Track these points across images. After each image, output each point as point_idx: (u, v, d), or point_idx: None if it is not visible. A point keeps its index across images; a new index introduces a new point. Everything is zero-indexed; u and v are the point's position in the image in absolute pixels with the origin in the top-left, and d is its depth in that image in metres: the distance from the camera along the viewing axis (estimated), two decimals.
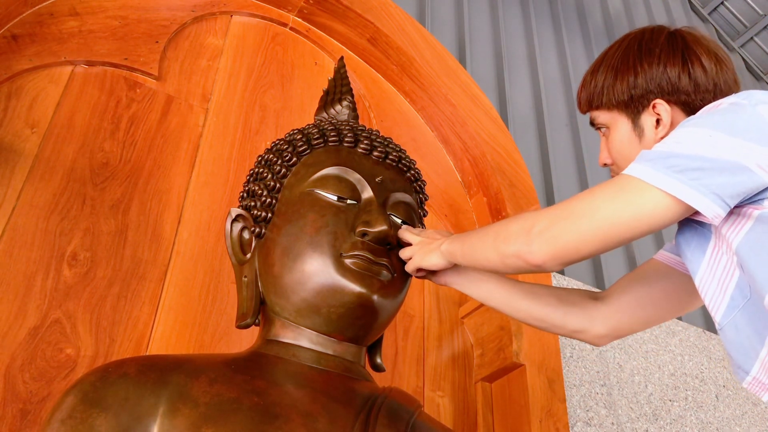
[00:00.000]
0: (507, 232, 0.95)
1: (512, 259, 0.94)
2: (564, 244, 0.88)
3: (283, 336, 1.02)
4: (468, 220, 1.84)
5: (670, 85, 1.03)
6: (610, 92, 1.08)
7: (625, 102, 1.06)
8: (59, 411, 0.83)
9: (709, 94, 1.02)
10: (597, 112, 1.12)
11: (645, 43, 1.07)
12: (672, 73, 1.03)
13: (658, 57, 1.04)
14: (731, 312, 0.91)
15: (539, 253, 0.90)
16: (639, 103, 1.05)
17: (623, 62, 1.08)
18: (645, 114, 1.05)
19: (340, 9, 1.81)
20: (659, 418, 1.93)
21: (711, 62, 1.03)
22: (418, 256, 1.07)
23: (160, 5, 1.58)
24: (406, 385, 1.47)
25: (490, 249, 0.98)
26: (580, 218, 0.88)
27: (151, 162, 1.39)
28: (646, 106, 1.05)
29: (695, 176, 0.82)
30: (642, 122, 1.05)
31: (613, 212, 0.86)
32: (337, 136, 1.13)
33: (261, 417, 0.85)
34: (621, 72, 1.07)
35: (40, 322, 1.13)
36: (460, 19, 2.47)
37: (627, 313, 1.13)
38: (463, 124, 1.87)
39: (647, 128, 1.04)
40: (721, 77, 1.03)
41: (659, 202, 0.84)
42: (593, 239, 0.88)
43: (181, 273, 1.30)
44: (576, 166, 2.50)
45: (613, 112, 1.09)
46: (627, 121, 1.07)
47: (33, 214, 1.21)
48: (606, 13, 3.45)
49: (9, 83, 1.31)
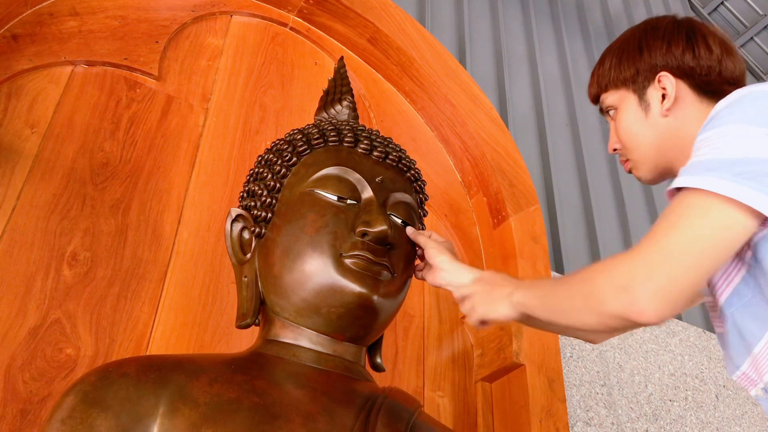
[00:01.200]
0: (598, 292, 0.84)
1: (615, 321, 0.83)
2: (676, 291, 0.78)
3: (283, 336, 1.02)
4: (468, 220, 1.84)
5: (675, 60, 1.04)
6: (616, 71, 1.09)
7: (631, 78, 1.07)
8: (59, 411, 0.83)
9: (714, 71, 1.02)
10: (605, 95, 1.13)
11: (650, 26, 1.09)
12: (676, 50, 1.04)
13: (662, 37, 1.06)
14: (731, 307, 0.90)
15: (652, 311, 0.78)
16: (644, 78, 1.06)
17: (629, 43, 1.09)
18: (650, 88, 1.06)
19: (340, 9, 1.81)
20: (659, 418, 1.93)
21: (716, 45, 1.03)
22: (482, 307, 1.02)
23: (160, 5, 1.58)
24: (406, 385, 1.47)
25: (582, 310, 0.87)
26: (682, 256, 0.78)
27: (151, 162, 1.39)
28: (651, 81, 1.06)
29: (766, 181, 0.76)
30: (648, 97, 1.06)
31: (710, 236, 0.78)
32: (337, 136, 1.13)
33: (261, 417, 0.85)
34: (626, 51, 1.09)
35: (40, 322, 1.13)
36: (460, 19, 2.47)
37: None
38: (463, 124, 1.87)
39: (653, 102, 1.05)
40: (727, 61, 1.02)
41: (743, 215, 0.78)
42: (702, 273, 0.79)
43: (181, 273, 1.30)
44: (576, 166, 2.50)
45: (620, 91, 1.10)
46: (633, 97, 1.08)
47: (33, 214, 1.21)
48: (606, 13, 3.45)
49: (9, 83, 1.31)
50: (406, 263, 1.10)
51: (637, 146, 1.09)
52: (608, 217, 2.45)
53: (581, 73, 2.88)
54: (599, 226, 2.35)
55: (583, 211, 2.37)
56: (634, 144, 1.09)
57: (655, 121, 1.05)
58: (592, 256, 2.26)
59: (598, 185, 2.51)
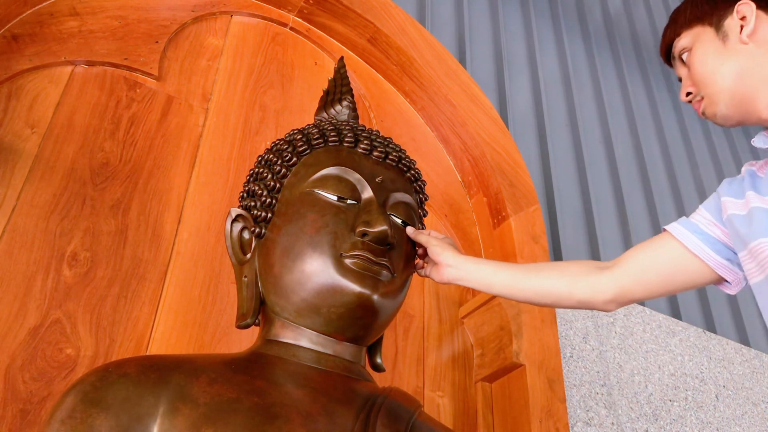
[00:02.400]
0: None
1: None
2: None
3: (283, 336, 1.02)
4: (468, 220, 1.84)
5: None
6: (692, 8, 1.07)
7: (708, 11, 1.05)
8: (59, 411, 0.83)
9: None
10: (678, 39, 1.10)
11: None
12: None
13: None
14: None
15: None
16: (722, 10, 1.04)
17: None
18: (728, 19, 1.03)
19: (340, 9, 1.81)
20: (659, 418, 1.93)
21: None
22: None
23: (160, 5, 1.58)
24: (406, 385, 1.47)
25: None
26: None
27: (151, 162, 1.39)
28: (729, 12, 1.03)
29: None
30: (726, 28, 1.03)
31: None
32: (337, 136, 1.13)
33: (261, 417, 0.85)
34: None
35: (40, 322, 1.13)
36: (460, 19, 2.47)
37: (632, 281, 1.11)
38: (463, 124, 1.87)
39: (731, 32, 1.02)
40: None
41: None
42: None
43: (181, 273, 1.30)
44: (576, 166, 2.49)
45: (696, 28, 1.07)
46: (711, 29, 1.05)
47: (33, 214, 1.21)
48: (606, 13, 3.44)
49: (9, 83, 1.31)
50: (406, 263, 1.10)
51: (714, 77, 1.04)
52: (608, 217, 2.45)
53: (581, 73, 2.88)
54: (599, 226, 2.35)
55: (583, 211, 2.37)
56: (711, 76, 1.04)
57: (733, 48, 1.01)
58: (592, 256, 2.26)
59: (598, 185, 2.51)
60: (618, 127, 2.78)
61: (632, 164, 2.74)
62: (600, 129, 2.74)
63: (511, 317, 1.56)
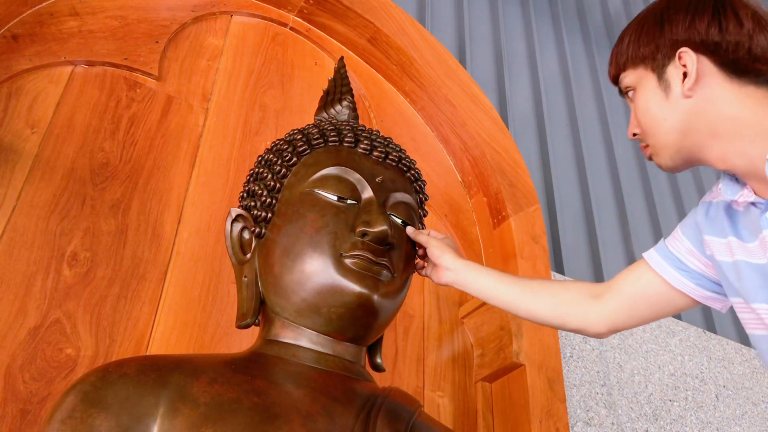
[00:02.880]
0: None
1: None
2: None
3: (283, 336, 1.02)
4: (468, 220, 1.84)
5: (698, 34, 0.94)
6: (635, 46, 1.01)
7: (649, 55, 1.00)
8: (59, 411, 0.83)
9: (743, 47, 0.92)
10: (624, 74, 1.05)
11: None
12: (700, 24, 0.94)
13: (686, 9, 0.97)
14: None
15: None
16: (664, 55, 0.98)
17: (650, 15, 1.02)
18: (670, 66, 0.97)
19: (340, 9, 1.81)
20: (659, 418, 1.93)
21: (748, 19, 0.93)
22: None
23: (160, 5, 1.58)
24: (406, 385, 1.47)
25: None
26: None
27: (151, 162, 1.39)
28: (671, 58, 0.97)
29: None
30: (668, 76, 0.97)
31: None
32: (337, 136, 1.13)
33: (261, 417, 0.85)
34: (647, 24, 1.01)
35: (40, 322, 1.13)
36: (460, 19, 2.47)
37: (623, 312, 1.13)
38: (463, 124, 1.87)
39: (673, 82, 0.97)
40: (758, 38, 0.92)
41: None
42: None
43: (181, 273, 1.30)
44: (576, 166, 2.49)
45: (639, 69, 1.02)
46: (652, 76, 1.00)
47: (33, 214, 1.21)
48: (606, 13, 3.44)
49: (9, 83, 1.31)
50: (406, 263, 1.10)
51: (657, 130, 1.00)
52: (608, 217, 2.45)
53: (581, 73, 2.88)
54: (599, 226, 2.35)
55: (583, 211, 2.37)
56: (653, 128, 1.00)
57: (676, 103, 0.96)
58: (592, 256, 2.26)
59: (598, 185, 2.51)
60: (618, 127, 2.77)
61: (632, 164, 2.74)
62: (600, 129, 2.74)
63: (511, 317, 1.56)
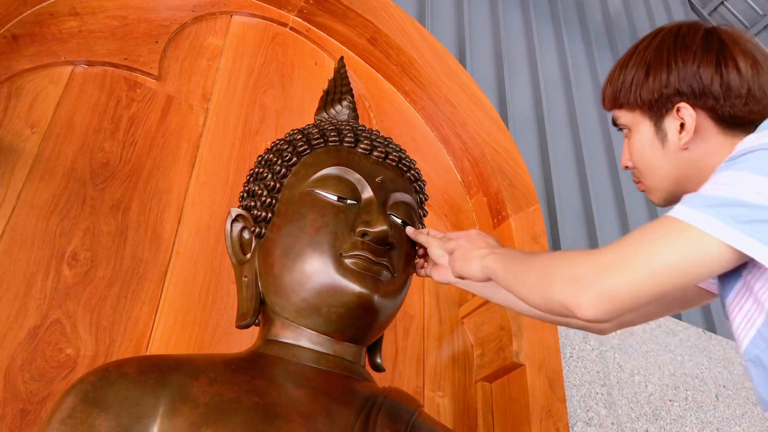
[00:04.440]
0: (552, 276, 0.88)
1: (557, 307, 0.87)
2: (618, 297, 0.80)
3: (283, 336, 1.02)
4: (468, 220, 1.84)
5: (701, 86, 0.96)
6: (638, 90, 1.02)
7: (650, 102, 1.00)
8: (59, 411, 0.83)
9: (740, 100, 0.96)
10: (620, 112, 1.06)
11: (681, 38, 1.01)
12: (705, 74, 0.96)
13: (694, 54, 0.98)
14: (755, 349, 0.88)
15: (591, 309, 0.82)
16: (664, 106, 0.99)
17: (657, 57, 1.01)
18: (668, 117, 0.99)
19: (340, 9, 1.81)
20: (659, 418, 1.93)
21: (747, 65, 0.96)
22: (459, 262, 1.04)
23: (160, 5, 1.58)
24: (406, 385, 1.47)
25: (534, 287, 0.91)
26: (634, 267, 0.80)
27: (151, 162, 1.39)
28: (670, 110, 0.99)
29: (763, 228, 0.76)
30: (665, 126, 1.00)
31: (671, 261, 0.79)
32: (338, 136, 1.13)
33: (261, 417, 0.85)
34: (654, 68, 1.00)
35: (40, 322, 1.13)
36: (460, 19, 2.47)
37: None
38: (463, 124, 1.87)
39: (671, 133, 0.99)
40: (756, 82, 0.96)
41: (721, 253, 0.78)
42: (649, 289, 0.80)
43: (181, 273, 1.30)
44: (576, 166, 2.50)
45: (636, 113, 1.03)
46: (650, 124, 1.02)
47: (33, 214, 1.21)
48: (606, 13, 3.45)
49: (9, 83, 1.31)
50: (406, 263, 1.10)
51: (652, 174, 1.03)
52: (608, 217, 2.45)
53: (581, 73, 2.88)
54: (599, 226, 2.35)
55: (583, 211, 2.37)
56: (649, 172, 1.03)
57: (672, 153, 0.99)
58: None
59: (598, 185, 2.51)
60: None
61: None
62: (600, 129, 2.74)
63: (511, 317, 1.56)
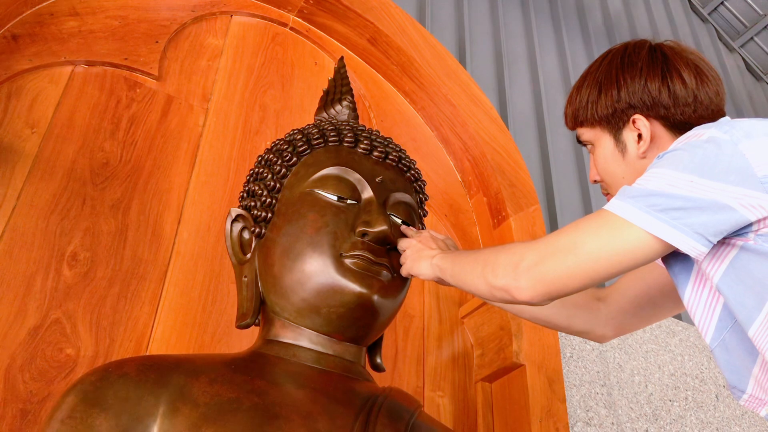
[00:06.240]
0: (495, 264, 0.96)
1: (500, 292, 0.95)
2: (551, 280, 0.90)
3: (283, 336, 1.02)
4: (468, 220, 1.84)
5: (651, 98, 1.03)
6: (593, 107, 1.09)
7: (607, 117, 1.07)
8: (59, 411, 0.83)
9: (689, 107, 1.02)
10: (582, 129, 1.13)
11: (627, 57, 1.08)
12: (652, 86, 1.03)
13: (640, 71, 1.05)
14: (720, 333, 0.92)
15: (527, 290, 0.91)
16: (620, 119, 1.06)
17: (606, 76, 1.09)
18: (626, 130, 1.06)
19: (340, 9, 1.81)
20: (659, 418, 1.93)
21: (691, 76, 1.03)
22: (410, 262, 1.07)
23: (160, 5, 1.58)
24: (406, 385, 1.47)
25: (479, 278, 0.98)
26: (565, 254, 0.89)
27: (151, 162, 1.39)
28: (626, 122, 1.06)
29: (677, 215, 0.83)
30: (624, 138, 1.06)
31: (597, 248, 0.87)
32: (337, 136, 1.13)
33: (261, 417, 0.85)
34: (604, 86, 1.08)
35: (40, 322, 1.13)
36: (460, 19, 2.47)
37: (628, 314, 1.16)
38: (463, 124, 1.87)
39: (629, 144, 1.06)
40: (701, 91, 1.03)
41: (641, 240, 0.85)
42: (579, 275, 0.89)
43: (181, 273, 1.30)
44: (576, 166, 2.50)
45: (596, 129, 1.10)
46: (609, 137, 1.08)
47: (33, 214, 1.21)
48: (606, 13, 3.45)
49: (9, 83, 1.31)
50: None
51: (617, 184, 1.09)
52: None
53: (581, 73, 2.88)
54: None
55: (583, 211, 2.37)
56: (614, 182, 1.09)
57: (633, 162, 1.05)
58: None
59: (597, 185, 2.51)
60: None
61: None
62: None
63: (511, 317, 1.56)
